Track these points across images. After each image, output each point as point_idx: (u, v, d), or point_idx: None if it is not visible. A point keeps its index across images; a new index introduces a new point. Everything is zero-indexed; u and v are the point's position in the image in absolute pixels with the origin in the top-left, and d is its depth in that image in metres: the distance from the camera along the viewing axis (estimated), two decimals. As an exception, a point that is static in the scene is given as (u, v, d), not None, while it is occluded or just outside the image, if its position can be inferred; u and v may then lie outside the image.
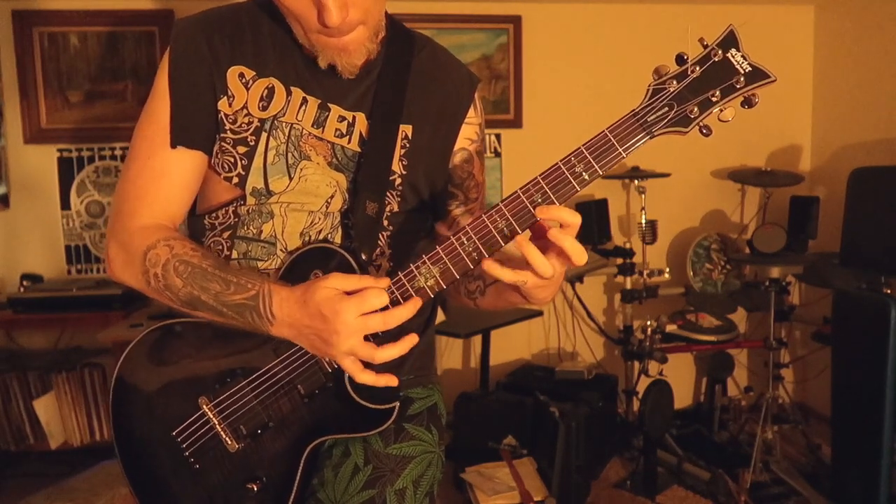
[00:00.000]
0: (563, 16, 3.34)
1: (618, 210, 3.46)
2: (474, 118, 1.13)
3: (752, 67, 0.85)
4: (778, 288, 2.94)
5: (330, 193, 1.03)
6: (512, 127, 3.34)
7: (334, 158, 1.03)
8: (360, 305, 0.88)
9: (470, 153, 1.13)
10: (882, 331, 2.00)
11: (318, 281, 0.91)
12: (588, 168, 0.87)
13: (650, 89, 0.87)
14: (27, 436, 2.81)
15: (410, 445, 1.10)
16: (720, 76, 0.85)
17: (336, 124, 1.03)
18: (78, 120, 3.02)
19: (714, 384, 3.24)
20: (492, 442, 2.72)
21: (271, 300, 0.93)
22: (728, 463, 2.82)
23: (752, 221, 3.51)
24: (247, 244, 1.04)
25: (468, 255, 0.89)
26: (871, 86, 3.11)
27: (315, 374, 0.99)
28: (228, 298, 0.94)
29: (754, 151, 3.51)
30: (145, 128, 1.02)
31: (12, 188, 3.05)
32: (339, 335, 0.88)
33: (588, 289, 3.38)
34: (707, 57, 0.85)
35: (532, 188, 0.88)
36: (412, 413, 1.13)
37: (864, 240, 2.51)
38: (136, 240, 0.99)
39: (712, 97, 0.85)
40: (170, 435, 1.03)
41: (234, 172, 1.01)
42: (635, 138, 0.87)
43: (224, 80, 1.00)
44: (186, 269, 0.95)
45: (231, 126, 1.01)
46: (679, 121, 0.86)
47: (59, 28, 3.00)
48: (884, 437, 2.00)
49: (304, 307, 0.90)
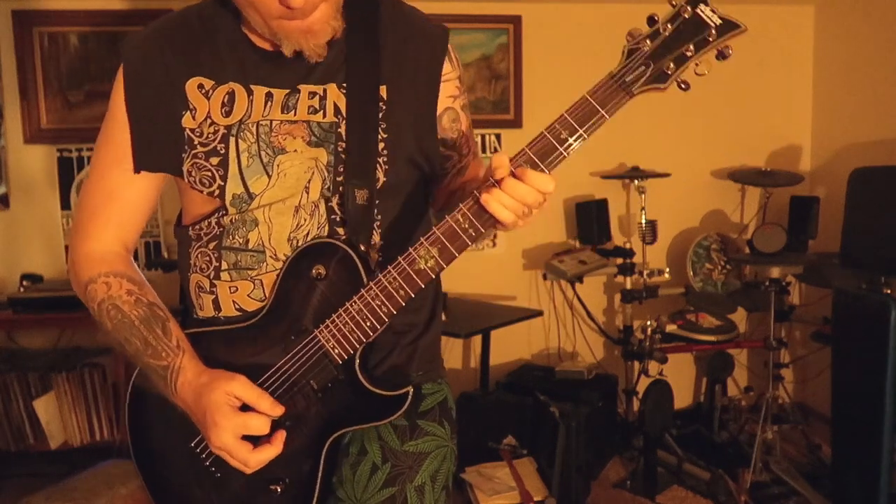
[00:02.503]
0: (563, 16, 3.34)
1: (618, 210, 3.46)
2: (451, 72, 1.09)
3: (721, 20, 0.86)
4: (778, 288, 2.94)
5: (308, 178, 1.00)
6: (512, 127, 3.34)
7: (312, 136, 1.00)
8: (239, 429, 0.93)
9: (456, 111, 1.11)
10: (882, 331, 1.99)
11: (222, 381, 0.94)
12: (573, 132, 0.88)
13: (625, 50, 0.90)
14: (27, 436, 2.81)
15: (425, 441, 1.10)
16: (692, 31, 0.87)
17: (308, 101, 1.00)
18: (78, 120, 3.02)
19: (714, 384, 3.23)
20: (492, 442, 2.72)
21: (176, 378, 0.97)
22: (728, 463, 2.81)
23: (752, 221, 3.50)
24: (235, 255, 1.02)
25: (464, 231, 0.91)
26: (871, 86, 3.11)
27: (325, 367, 0.98)
28: (144, 359, 0.99)
29: (754, 151, 3.51)
30: (101, 147, 1.03)
31: (12, 188, 3.05)
32: (212, 441, 0.95)
33: (588, 289, 3.38)
34: (677, 14, 0.88)
35: (520, 158, 0.89)
36: (424, 409, 1.13)
37: (864, 240, 2.52)
38: (83, 267, 1.03)
39: (686, 52, 0.88)
40: (188, 445, 1.03)
41: (214, 186, 0.99)
42: (616, 98, 0.89)
43: (183, 95, 0.99)
44: (116, 316, 0.99)
45: (199, 140, 0.99)
46: (657, 77, 0.89)
47: (59, 28, 3.00)
48: (884, 437, 2.00)
49: (197, 400, 0.95)
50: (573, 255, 3.18)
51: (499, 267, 3.39)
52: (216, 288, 1.03)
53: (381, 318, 0.96)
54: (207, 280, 1.04)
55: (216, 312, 1.04)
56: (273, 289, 1.00)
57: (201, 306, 1.06)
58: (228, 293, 1.03)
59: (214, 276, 1.03)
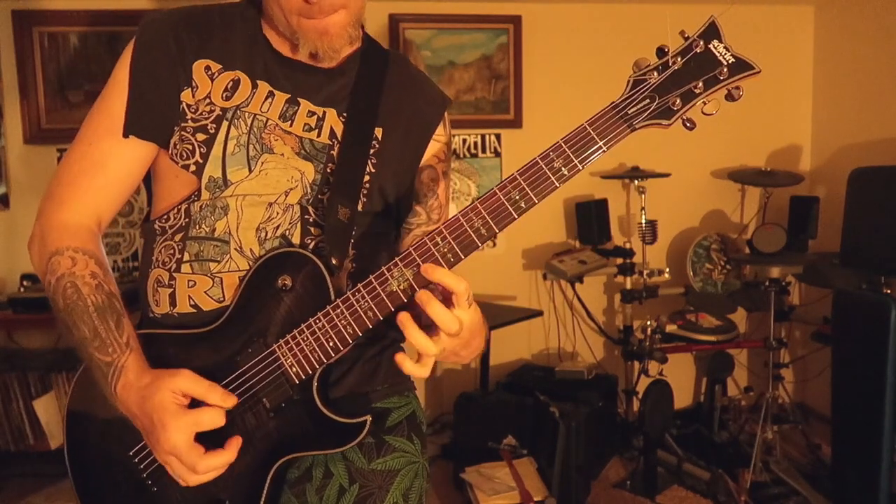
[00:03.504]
0: (563, 16, 3.34)
1: (618, 210, 3.46)
2: (442, 136, 1.12)
3: (735, 59, 0.82)
4: (778, 288, 2.94)
5: (290, 186, 0.99)
6: (512, 127, 3.34)
7: (302, 149, 1.00)
8: (190, 427, 0.87)
9: (437, 172, 1.12)
10: (882, 331, 1.99)
11: (165, 379, 0.88)
12: (567, 163, 0.84)
13: (630, 81, 0.85)
14: (27, 436, 2.81)
15: (394, 458, 1.06)
16: (703, 67, 0.83)
17: (305, 119, 1.01)
18: (78, 120, 2.95)
19: (714, 384, 3.23)
20: (492, 442, 2.72)
21: (118, 378, 0.91)
22: (728, 463, 2.82)
23: (752, 221, 3.50)
24: (199, 244, 0.99)
25: (443, 256, 0.86)
26: (871, 86, 3.11)
27: (281, 385, 0.92)
28: (89, 350, 0.93)
29: (754, 151, 3.51)
30: (95, 115, 1.01)
31: (12, 188, 3.05)
32: (161, 444, 0.88)
33: (588, 289, 3.38)
34: (688, 48, 0.83)
35: (509, 185, 0.85)
36: (391, 424, 1.09)
37: (864, 240, 2.51)
38: (51, 236, 0.97)
39: (695, 88, 0.83)
40: (127, 455, 0.97)
41: (192, 160, 0.98)
42: (616, 131, 0.85)
43: (189, 72, 0.98)
44: (72, 296, 0.93)
45: (192, 115, 0.98)
46: (661, 113, 0.84)
47: (59, 28, 3.00)
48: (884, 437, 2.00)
49: (141, 404, 0.88)
50: (573, 255, 3.18)
51: (499, 267, 3.39)
52: (174, 281, 0.99)
53: (346, 340, 0.90)
54: (167, 273, 1.00)
55: (171, 309, 1.00)
56: (235, 294, 0.96)
57: (157, 302, 1.01)
58: (186, 287, 0.99)
59: (175, 268, 0.99)
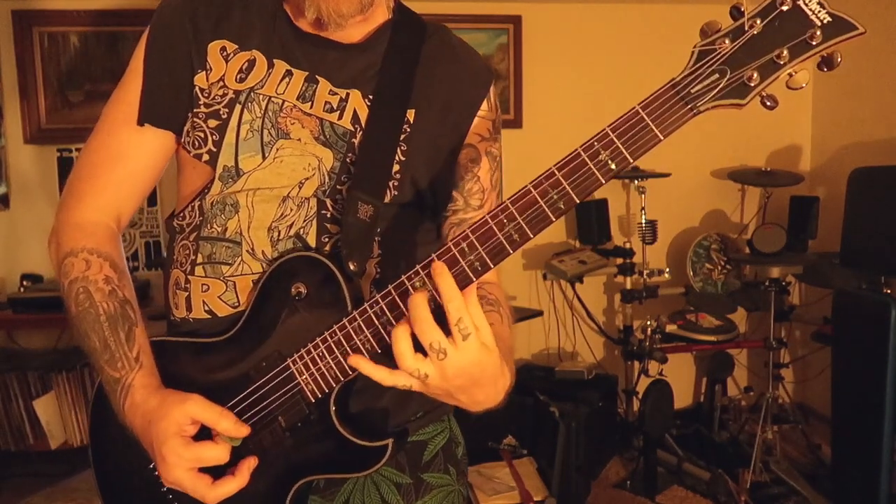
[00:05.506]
0: (563, 16, 3.34)
1: (618, 210, 3.46)
2: (488, 113, 1.01)
3: (832, 17, 0.66)
4: (778, 288, 2.94)
5: (306, 175, 0.92)
6: (512, 127, 3.34)
7: (322, 134, 0.93)
8: (191, 463, 0.82)
9: (477, 151, 1.00)
10: (882, 331, 1.99)
11: (174, 405, 0.82)
12: (615, 155, 0.71)
13: (695, 52, 0.70)
14: (27, 436, 2.81)
15: (432, 497, 1.01)
16: (789, 31, 0.67)
17: (327, 97, 0.93)
18: (78, 120, 3.01)
19: (714, 384, 3.24)
20: (492, 442, 2.72)
21: (125, 397, 0.87)
22: (728, 463, 2.82)
23: (752, 221, 3.50)
24: (211, 245, 0.93)
25: (470, 265, 0.75)
26: (871, 86, 3.11)
27: (297, 403, 0.85)
28: (100, 362, 0.89)
29: (754, 151, 3.51)
30: (113, 104, 0.97)
31: (12, 188, 3.05)
32: (163, 476, 0.84)
33: (588, 289, 3.38)
34: (771, 6, 0.67)
35: (545, 182, 0.73)
36: (427, 460, 1.02)
37: (864, 240, 2.51)
38: (66, 235, 0.94)
39: (778, 58, 0.67)
40: (148, 468, 0.92)
41: (205, 149, 0.93)
42: (676, 115, 0.70)
43: (204, 55, 0.93)
44: (84, 302, 0.89)
45: (205, 100, 0.93)
46: (734, 90, 0.69)
47: (59, 28, 3.00)
48: (884, 437, 2.00)
49: (146, 428, 0.84)
50: (573, 255, 3.18)
51: (499, 267, 3.38)
52: (189, 285, 0.95)
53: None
54: (184, 276, 0.96)
55: (187, 313, 0.96)
56: (250, 300, 0.91)
57: (177, 305, 0.98)
58: (200, 292, 0.95)
59: (190, 270, 0.95)
